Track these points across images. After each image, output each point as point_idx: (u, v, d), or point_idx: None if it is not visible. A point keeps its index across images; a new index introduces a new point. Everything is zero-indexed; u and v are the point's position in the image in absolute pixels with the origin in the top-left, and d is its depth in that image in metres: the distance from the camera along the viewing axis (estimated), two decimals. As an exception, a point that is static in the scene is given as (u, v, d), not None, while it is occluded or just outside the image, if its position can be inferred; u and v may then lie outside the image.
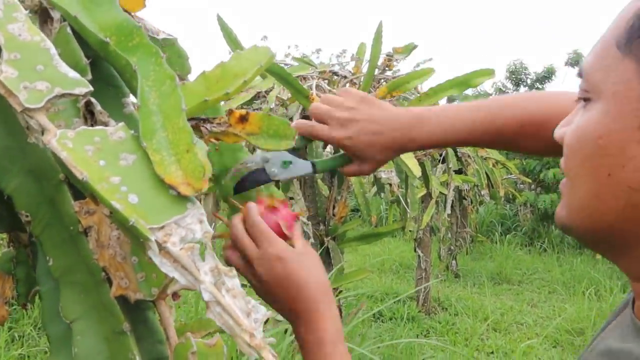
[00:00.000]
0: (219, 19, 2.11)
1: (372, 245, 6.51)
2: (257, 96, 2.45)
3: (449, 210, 4.19)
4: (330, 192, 2.39)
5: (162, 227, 0.34)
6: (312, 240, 2.23)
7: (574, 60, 9.65)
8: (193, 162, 0.36)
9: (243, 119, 0.57)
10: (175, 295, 0.39)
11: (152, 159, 0.36)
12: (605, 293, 4.20)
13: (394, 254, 6.27)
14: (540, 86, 9.69)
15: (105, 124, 0.42)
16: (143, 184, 0.36)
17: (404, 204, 1.99)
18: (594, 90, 0.42)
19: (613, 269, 5.79)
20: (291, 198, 2.30)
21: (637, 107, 0.38)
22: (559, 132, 0.48)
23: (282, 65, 2.74)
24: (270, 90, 2.38)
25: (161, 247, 0.34)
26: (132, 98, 0.48)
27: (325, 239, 2.34)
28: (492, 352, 3.29)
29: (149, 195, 0.35)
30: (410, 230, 2.19)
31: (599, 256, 3.58)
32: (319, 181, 2.28)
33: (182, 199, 0.36)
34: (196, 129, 0.58)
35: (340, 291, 2.41)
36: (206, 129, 0.58)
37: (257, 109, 2.40)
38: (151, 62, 0.43)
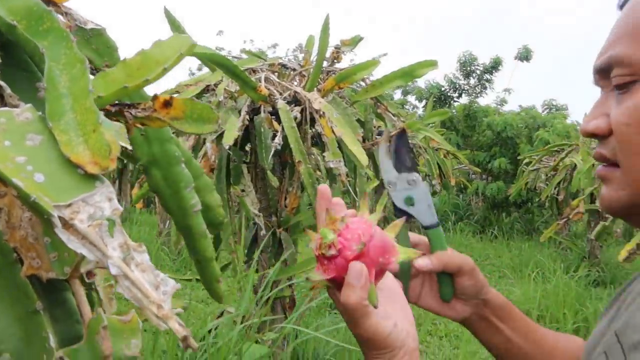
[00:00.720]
0: (166, 12, 2.08)
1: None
2: (206, 89, 2.43)
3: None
4: (281, 183, 2.40)
5: (70, 205, 0.35)
6: (263, 231, 2.24)
7: (524, 55, 10.02)
8: (99, 141, 0.37)
9: (167, 104, 0.58)
10: (89, 273, 0.40)
11: (58, 139, 0.37)
12: (549, 275, 4.40)
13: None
14: (489, 76, 10.00)
15: (16, 107, 0.42)
16: (50, 163, 0.36)
17: (353, 194, 2.02)
18: None
19: (557, 253, 6.08)
20: (242, 190, 2.31)
21: None
22: (593, 124, 0.53)
23: (232, 57, 2.73)
24: (219, 83, 2.36)
25: (68, 224, 0.35)
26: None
27: (277, 230, 2.35)
28: (444, 336, 3.40)
29: (56, 175, 0.36)
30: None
31: (544, 240, 3.76)
32: (269, 173, 2.29)
33: (90, 177, 0.37)
34: (120, 114, 0.59)
35: (293, 282, 2.43)
36: (130, 114, 0.58)
37: (206, 103, 2.38)
38: (62, 46, 0.43)
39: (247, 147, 2.41)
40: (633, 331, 0.48)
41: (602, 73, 0.52)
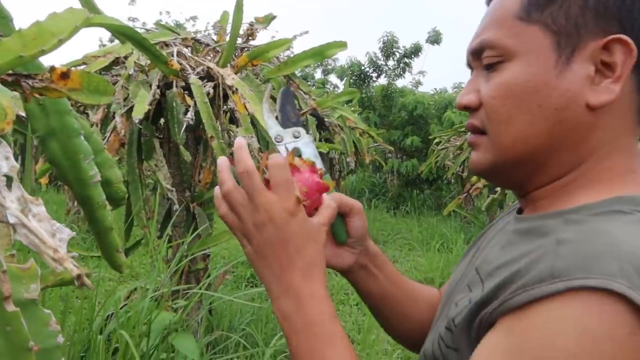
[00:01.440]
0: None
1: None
2: (116, 62, 2.36)
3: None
4: (195, 159, 2.42)
5: (-32, 163, 0.40)
6: (177, 206, 2.26)
7: (434, 38, 10.45)
8: (-5, 106, 0.41)
9: (64, 75, 0.62)
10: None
11: (-45, 104, 0.40)
12: (452, 245, 4.77)
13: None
14: (407, 60, 10.32)
15: None
16: (-52, 126, 0.40)
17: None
18: (507, 53, 0.57)
19: (462, 226, 6.56)
20: (155, 165, 2.30)
21: (549, 55, 0.55)
22: (466, 99, 0.62)
23: (144, 30, 2.66)
24: (130, 55, 2.31)
25: (-33, 180, 0.39)
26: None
27: (191, 205, 2.38)
28: (357, 304, 3.60)
29: (-46, 136, 0.40)
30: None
31: (447, 213, 4.07)
32: (182, 148, 2.30)
33: (-13, 139, 0.41)
34: (17, 84, 0.62)
35: (208, 255, 2.48)
36: (28, 84, 0.62)
37: (116, 76, 2.32)
38: (-44, 16, 0.46)
39: (161, 122, 2.40)
40: (488, 264, 0.57)
41: (475, 55, 0.62)
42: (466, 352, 0.53)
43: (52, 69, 0.62)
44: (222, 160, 0.60)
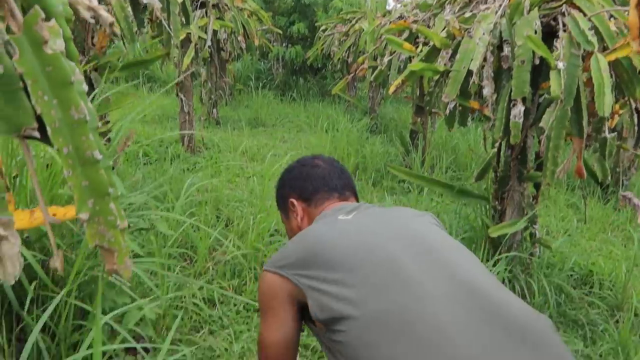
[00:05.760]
0: None
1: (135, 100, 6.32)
2: None
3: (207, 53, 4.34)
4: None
5: None
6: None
7: None
8: None
9: None
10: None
11: None
12: (339, 125, 5.11)
13: (154, 106, 6.25)
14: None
15: None
16: None
17: (168, 29, 2.08)
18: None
19: (346, 110, 6.95)
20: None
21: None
22: None
23: None
24: None
25: None
26: None
27: (87, 69, 2.30)
28: (251, 176, 3.82)
29: None
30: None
31: (335, 92, 4.30)
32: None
33: None
34: None
35: (108, 121, 2.46)
36: None
37: None
38: None
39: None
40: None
41: None
42: None
43: None
44: None
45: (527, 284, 2.41)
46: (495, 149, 2.42)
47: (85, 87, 0.57)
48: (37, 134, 0.54)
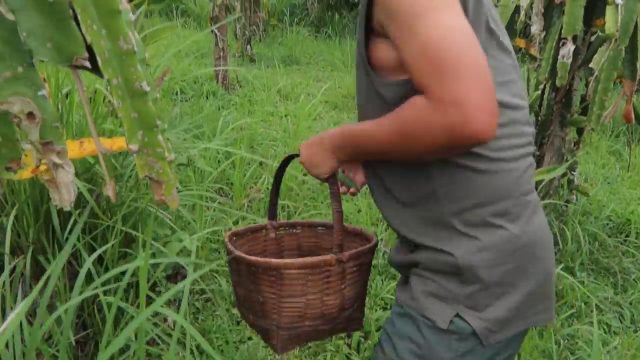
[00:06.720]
0: None
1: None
2: None
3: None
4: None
5: None
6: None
7: None
8: None
9: None
10: None
11: None
12: (375, 64, 4.98)
13: (190, 43, 6.21)
14: None
15: None
16: None
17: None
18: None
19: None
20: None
21: None
22: None
23: None
24: None
25: None
26: None
27: None
28: (285, 116, 3.82)
29: None
30: None
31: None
32: None
33: None
34: None
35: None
36: None
37: None
38: None
39: None
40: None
41: None
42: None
43: None
44: None
45: (560, 231, 2.38)
46: (539, 92, 2.32)
47: (132, 17, 0.57)
48: (88, 64, 0.54)
